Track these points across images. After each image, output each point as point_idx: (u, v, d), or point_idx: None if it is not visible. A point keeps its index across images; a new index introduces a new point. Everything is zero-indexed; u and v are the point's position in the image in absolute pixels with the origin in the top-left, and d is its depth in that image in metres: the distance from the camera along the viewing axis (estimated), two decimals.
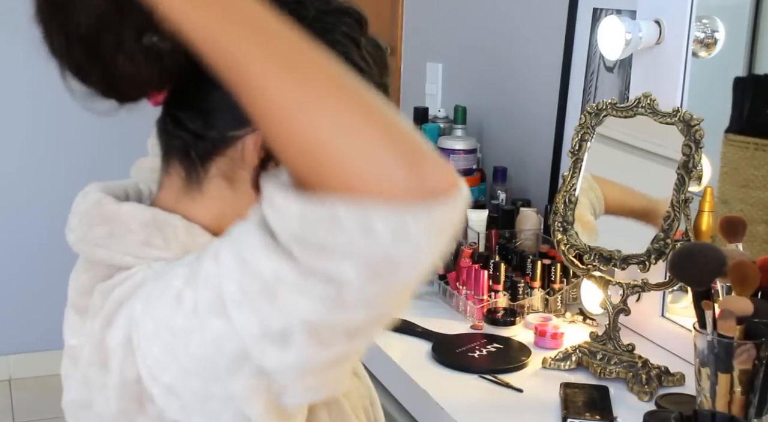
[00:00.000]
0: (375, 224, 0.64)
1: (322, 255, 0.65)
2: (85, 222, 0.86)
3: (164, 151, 0.87)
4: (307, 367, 0.70)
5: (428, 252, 0.66)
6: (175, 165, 0.86)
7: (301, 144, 0.65)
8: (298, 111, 0.64)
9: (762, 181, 1.50)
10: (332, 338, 0.68)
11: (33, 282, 3.53)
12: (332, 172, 0.64)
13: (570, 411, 1.32)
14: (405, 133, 0.66)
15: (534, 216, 1.93)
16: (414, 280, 0.68)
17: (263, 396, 0.72)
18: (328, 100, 0.65)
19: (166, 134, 0.86)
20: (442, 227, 0.66)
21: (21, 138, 3.53)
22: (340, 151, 0.64)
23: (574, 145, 1.57)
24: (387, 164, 0.64)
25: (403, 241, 0.64)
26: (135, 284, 0.79)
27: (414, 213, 0.64)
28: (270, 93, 0.65)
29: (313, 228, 0.64)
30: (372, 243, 0.64)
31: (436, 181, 0.65)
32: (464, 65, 2.54)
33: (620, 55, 1.60)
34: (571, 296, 1.76)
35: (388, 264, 0.65)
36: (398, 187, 0.64)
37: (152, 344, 0.75)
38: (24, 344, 3.55)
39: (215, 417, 0.75)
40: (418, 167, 0.64)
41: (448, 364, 1.52)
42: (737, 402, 1.17)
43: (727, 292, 1.26)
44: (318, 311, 0.66)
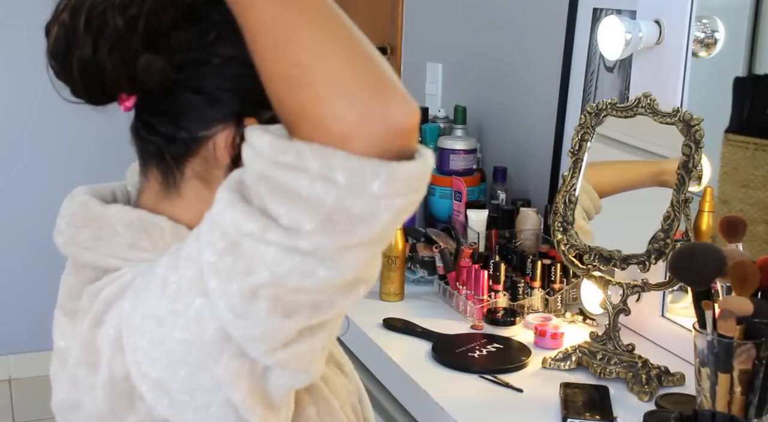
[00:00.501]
0: (336, 172, 0.66)
1: (284, 200, 0.67)
2: (72, 225, 0.87)
3: (141, 157, 0.89)
4: (273, 338, 0.71)
5: (385, 210, 0.68)
6: (152, 169, 0.88)
7: (285, 65, 0.69)
8: (289, 34, 0.69)
9: (762, 181, 1.50)
10: (295, 307, 0.70)
11: (33, 282, 3.53)
12: (306, 96, 0.68)
13: (570, 411, 1.32)
14: (378, 66, 0.70)
15: (534, 216, 1.93)
16: (373, 240, 0.70)
17: (246, 379, 0.73)
18: (315, 28, 0.69)
19: (140, 139, 0.88)
20: (402, 187, 0.68)
21: (21, 140, 3.53)
22: (316, 73, 0.68)
23: (574, 145, 1.57)
24: (355, 89, 0.68)
25: (361, 194, 0.67)
26: (123, 284, 0.80)
27: (374, 167, 0.67)
28: (267, 19, 0.70)
29: (279, 168, 0.67)
30: (330, 191, 0.66)
31: (397, 112, 0.68)
32: (464, 65, 2.54)
33: (620, 55, 1.60)
34: (571, 296, 1.76)
35: (345, 219, 0.67)
36: (362, 111, 0.67)
37: (140, 338, 0.76)
38: (24, 344, 3.55)
39: (203, 410, 0.76)
40: (383, 95, 0.68)
41: (448, 364, 1.52)
42: (737, 402, 1.17)
43: (727, 292, 1.26)
44: (278, 265, 0.68)
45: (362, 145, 0.67)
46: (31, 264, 3.55)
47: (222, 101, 0.83)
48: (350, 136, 0.67)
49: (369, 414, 1.01)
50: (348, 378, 0.98)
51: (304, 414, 0.86)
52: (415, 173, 0.69)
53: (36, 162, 3.55)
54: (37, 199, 3.52)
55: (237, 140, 0.83)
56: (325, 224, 0.67)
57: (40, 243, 3.48)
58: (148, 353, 0.75)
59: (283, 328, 0.71)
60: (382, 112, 0.68)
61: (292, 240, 0.67)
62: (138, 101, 0.84)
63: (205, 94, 0.83)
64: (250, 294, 0.69)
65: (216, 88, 0.83)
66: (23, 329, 3.55)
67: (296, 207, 0.67)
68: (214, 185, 0.83)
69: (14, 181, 3.54)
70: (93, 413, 0.82)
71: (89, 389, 0.81)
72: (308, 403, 0.87)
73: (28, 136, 3.53)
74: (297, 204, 0.67)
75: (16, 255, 3.57)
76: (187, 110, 0.83)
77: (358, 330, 1.67)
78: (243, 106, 0.83)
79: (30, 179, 3.54)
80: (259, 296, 0.69)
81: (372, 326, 1.68)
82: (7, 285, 3.57)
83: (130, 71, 0.80)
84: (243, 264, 0.69)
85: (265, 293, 0.69)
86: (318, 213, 0.67)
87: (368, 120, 0.67)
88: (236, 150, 0.83)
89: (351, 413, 0.94)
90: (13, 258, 3.57)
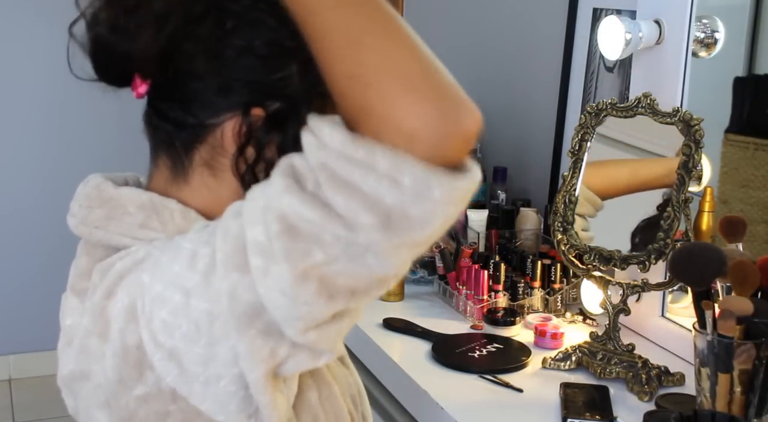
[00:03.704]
0: (403, 176, 0.68)
1: (345, 191, 0.69)
2: (85, 206, 0.89)
3: (151, 144, 0.91)
4: (313, 318, 0.73)
5: (439, 217, 0.70)
6: (162, 156, 0.90)
7: (353, 64, 0.71)
8: (359, 36, 0.71)
9: (762, 181, 1.50)
10: (337, 290, 0.72)
11: (33, 282, 3.53)
12: (375, 94, 0.70)
13: (570, 411, 1.32)
14: (444, 72, 0.73)
15: (534, 216, 1.93)
16: (421, 243, 0.72)
17: (265, 360, 0.75)
18: (384, 33, 0.72)
19: (152, 127, 0.90)
20: (459, 197, 0.71)
21: (24, 141, 3.53)
22: (385, 73, 0.70)
23: (574, 145, 1.57)
24: (427, 90, 0.70)
25: (422, 199, 0.69)
26: (136, 259, 0.82)
27: (439, 178, 0.69)
28: (336, 23, 0.72)
29: (347, 162, 0.69)
30: (394, 193, 0.69)
31: (466, 117, 0.71)
32: (464, 65, 2.54)
33: (620, 55, 1.60)
34: (571, 296, 1.76)
35: (403, 219, 0.69)
36: (433, 113, 0.69)
37: (160, 307, 0.77)
38: (24, 344, 3.55)
39: (214, 383, 0.77)
40: (453, 99, 0.71)
41: (448, 364, 1.52)
42: (737, 402, 1.17)
43: (727, 292, 1.26)
44: (333, 248, 0.70)
45: (428, 145, 0.69)
46: (31, 265, 3.55)
47: (231, 90, 0.84)
48: (418, 136, 0.69)
49: (367, 410, 1.02)
50: (349, 371, 0.99)
51: (306, 398, 0.88)
52: (469, 187, 0.72)
53: (36, 163, 3.55)
54: (37, 200, 3.52)
55: (244, 129, 0.84)
56: (384, 222, 0.69)
57: (41, 244, 3.49)
58: (167, 322, 0.77)
59: (325, 310, 0.73)
60: (452, 114, 0.70)
61: (350, 233, 0.70)
62: (150, 88, 0.86)
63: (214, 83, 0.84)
64: (302, 276, 0.71)
65: (225, 78, 0.84)
66: (23, 329, 3.55)
67: (356, 200, 0.69)
68: (221, 172, 0.87)
69: (15, 182, 3.54)
70: (102, 382, 0.83)
71: (100, 358, 0.83)
72: (311, 387, 0.88)
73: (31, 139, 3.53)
74: (357, 197, 0.69)
75: (16, 256, 3.57)
76: (197, 97, 0.85)
77: (358, 330, 1.67)
78: (251, 96, 0.84)
79: (31, 180, 3.54)
80: (309, 278, 0.71)
81: (372, 326, 1.68)
82: (7, 285, 3.57)
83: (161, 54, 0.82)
84: (301, 246, 0.71)
85: (315, 274, 0.71)
86: (378, 211, 0.69)
87: (438, 121, 0.69)
88: (242, 138, 0.85)
89: (351, 403, 0.95)
90: (14, 259, 3.57)
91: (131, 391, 0.81)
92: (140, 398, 0.81)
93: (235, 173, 0.86)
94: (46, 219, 3.49)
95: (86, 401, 0.87)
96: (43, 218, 3.48)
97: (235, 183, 0.86)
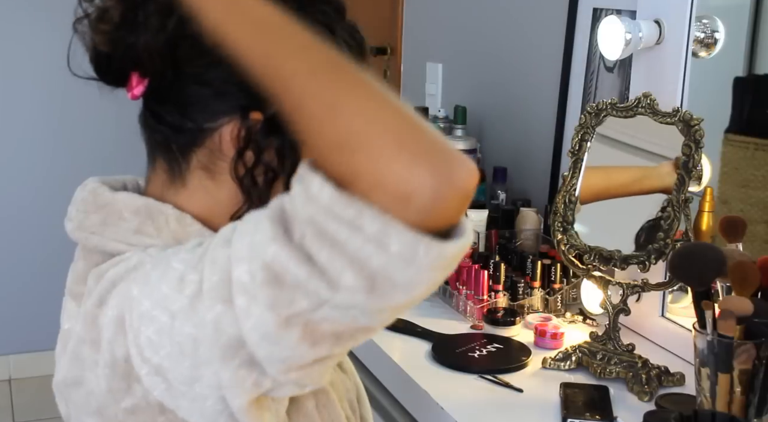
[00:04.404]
0: (391, 240, 0.66)
1: (330, 249, 0.67)
2: (82, 210, 0.89)
3: (148, 147, 0.91)
4: (294, 363, 0.73)
5: (425, 282, 0.69)
6: (159, 159, 0.90)
7: (336, 133, 0.68)
8: (337, 103, 0.68)
9: (762, 181, 1.50)
10: (322, 338, 0.71)
11: (33, 282, 3.53)
12: (364, 160, 0.67)
13: (570, 411, 1.32)
14: (431, 129, 0.69)
15: (534, 216, 1.93)
16: (405, 306, 0.71)
17: (250, 390, 0.74)
18: (363, 96, 0.69)
19: (148, 129, 0.90)
20: (447, 264, 0.69)
21: (25, 140, 3.53)
22: (372, 137, 0.67)
23: (574, 145, 1.57)
24: (417, 150, 0.66)
25: (408, 265, 0.67)
26: (129, 267, 0.82)
27: (427, 244, 0.66)
28: (308, 98, 0.68)
29: (335, 220, 0.67)
30: (380, 257, 0.66)
31: (461, 172, 0.67)
32: (464, 65, 2.54)
33: (620, 55, 1.60)
34: (571, 296, 1.76)
35: (387, 283, 0.68)
36: (426, 173, 0.66)
37: (147, 325, 0.77)
38: (24, 344, 3.55)
39: (200, 401, 0.77)
40: (444, 156, 0.67)
41: (448, 364, 1.52)
42: (737, 402, 1.17)
43: (727, 292, 1.26)
44: (316, 304, 0.69)
45: (422, 206, 0.66)
46: (31, 265, 3.55)
47: (230, 94, 0.84)
48: (412, 198, 0.66)
49: (367, 413, 1.02)
50: (347, 376, 0.99)
51: (303, 407, 0.87)
52: (459, 252, 0.69)
53: (38, 164, 3.55)
54: (38, 200, 3.52)
55: (242, 133, 0.84)
56: (368, 285, 0.67)
57: (41, 244, 3.49)
58: (152, 340, 0.76)
59: (307, 355, 0.72)
60: (446, 173, 0.66)
61: (333, 292, 0.68)
62: (146, 90, 0.86)
63: (213, 86, 0.85)
64: (285, 323, 0.70)
65: (223, 81, 0.84)
66: (23, 329, 3.55)
67: (340, 259, 0.67)
68: (219, 176, 0.87)
69: (15, 182, 3.54)
70: (95, 390, 0.83)
71: (93, 366, 0.83)
72: (307, 397, 0.88)
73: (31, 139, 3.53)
74: (342, 257, 0.67)
75: (16, 256, 3.57)
76: (195, 101, 0.85)
77: None
78: (249, 100, 0.84)
79: (32, 180, 3.54)
80: (292, 324, 0.70)
81: None
82: (7, 285, 3.57)
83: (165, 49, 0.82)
84: (285, 295, 0.69)
85: (298, 322, 0.70)
86: (360, 273, 0.67)
87: (433, 182, 0.66)
88: (241, 142, 0.85)
89: (348, 409, 0.95)
90: (14, 259, 3.57)
91: (119, 403, 0.81)
92: (128, 410, 0.81)
93: (234, 177, 0.86)
94: (47, 219, 3.49)
95: (78, 408, 0.87)
96: (44, 218, 3.48)
97: (234, 186, 0.86)
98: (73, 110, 3.45)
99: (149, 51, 0.83)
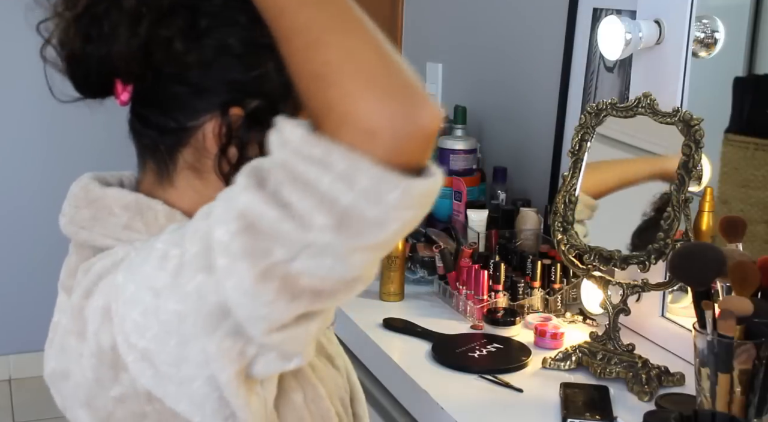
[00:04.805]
0: (358, 177, 0.68)
1: (300, 190, 0.69)
2: (74, 206, 0.90)
3: (137, 150, 0.92)
4: (275, 319, 0.73)
5: (395, 220, 0.70)
6: (148, 161, 0.91)
7: (316, 64, 0.71)
8: (321, 36, 0.71)
9: (762, 181, 1.50)
10: (300, 291, 0.72)
11: (33, 282, 3.53)
12: (336, 93, 0.69)
13: (570, 411, 1.32)
14: (405, 70, 0.72)
15: (534, 216, 1.93)
16: (379, 247, 0.72)
17: (235, 360, 0.75)
18: (346, 31, 0.72)
19: (136, 133, 0.91)
20: (417, 202, 0.70)
21: (24, 140, 3.53)
22: (346, 71, 0.70)
23: (574, 145, 1.57)
24: (386, 88, 0.70)
25: (376, 202, 0.68)
26: (116, 260, 0.83)
27: (394, 179, 0.68)
28: (301, 22, 0.72)
29: (304, 160, 0.69)
30: (349, 193, 0.68)
31: (425, 114, 0.70)
32: (464, 65, 2.54)
33: (620, 55, 1.60)
34: (571, 296, 1.76)
35: (357, 222, 0.69)
36: (392, 110, 0.69)
37: (132, 308, 0.77)
38: (24, 344, 3.55)
39: (188, 384, 0.77)
40: (412, 96, 0.70)
41: (447, 364, 1.52)
42: (737, 402, 1.17)
43: (727, 292, 1.26)
44: (292, 248, 0.70)
45: (387, 143, 0.69)
46: (31, 265, 3.55)
47: (209, 91, 0.85)
48: (377, 134, 0.68)
49: (363, 411, 1.02)
50: (338, 373, 0.98)
51: (290, 400, 0.88)
52: (427, 191, 0.71)
53: (38, 163, 3.55)
54: (37, 199, 3.52)
55: (224, 129, 0.85)
56: (338, 223, 0.69)
57: (41, 244, 3.48)
58: (138, 323, 0.77)
59: (287, 311, 0.73)
60: (411, 112, 0.69)
61: (304, 233, 0.69)
62: (132, 95, 0.87)
63: (191, 85, 0.85)
64: (261, 275, 0.71)
65: (202, 79, 0.84)
66: (23, 329, 3.55)
67: (311, 199, 0.69)
68: (206, 174, 0.87)
69: (15, 182, 3.54)
70: (81, 382, 0.84)
71: (77, 357, 0.83)
72: (295, 390, 0.88)
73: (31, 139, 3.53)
74: (312, 196, 0.69)
75: (16, 256, 3.57)
76: (175, 101, 0.86)
77: (358, 330, 1.67)
78: (229, 96, 0.85)
79: (30, 180, 3.54)
80: (269, 277, 0.71)
81: (372, 326, 1.68)
82: (7, 285, 3.57)
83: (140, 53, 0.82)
84: (260, 244, 0.70)
85: (276, 273, 0.71)
86: (331, 211, 0.68)
87: (398, 119, 0.69)
88: (224, 139, 0.85)
89: (339, 405, 0.95)
90: (14, 259, 3.57)
91: (108, 392, 0.82)
92: (117, 399, 0.82)
93: (219, 174, 0.86)
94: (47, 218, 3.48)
95: (69, 400, 0.88)
96: (43, 218, 3.48)
97: (221, 184, 0.86)
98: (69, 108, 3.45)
99: (124, 59, 0.83)
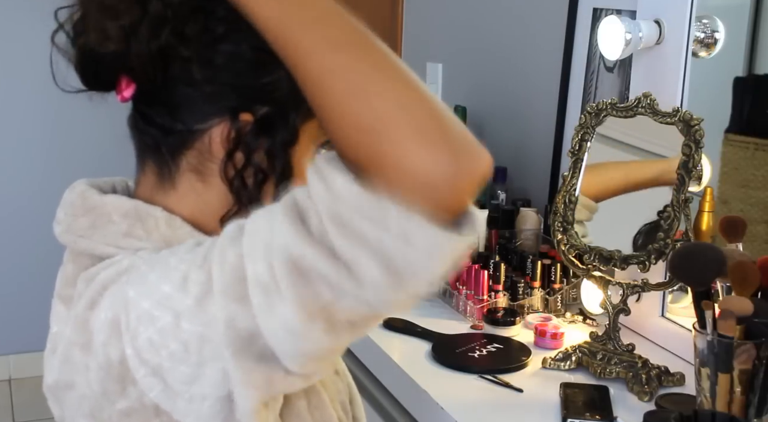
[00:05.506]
0: (416, 236, 0.68)
1: (356, 244, 0.68)
2: (70, 214, 0.89)
3: (137, 149, 0.90)
4: (314, 355, 0.74)
5: (445, 272, 0.71)
6: (148, 161, 0.89)
7: (364, 116, 0.69)
8: (365, 84, 0.69)
9: (762, 181, 1.50)
10: (341, 328, 0.72)
11: (33, 282, 3.53)
12: (389, 148, 0.68)
13: (570, 411, 1.32)
14: (451, 115, 0.72)
15: (534, 216, 1.93)
16: (423, 293, 0.73)
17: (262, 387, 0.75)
18: (391, 78, 0.70)
19: (138, 131, 0.89)
20: (461, 252, 0.71)
21: (23, 141, 3.53)
22: (399, 124, 0.68)
23: (574, 145, 1.56)
24: (442, 140, 0.69)
25: (433, 259, 0.69)
26: (120, 269, 0.81)
27: (449, 237, 0.69)
28: (331, 76, 0.70)
29: (361, 217, 0.68)
30: (406, 252, 0.68)
31: (481, 163, 0.71)
32: (464, 65, 2.54)
33: (620, 55, 1.59)
34: (571, 296, 1.76)
35: (409, 275, 0.69)
36: (451, 163, 0.68)
37: (147, 325, 0.76)
38: (24, 344, 3.55)
39: (198, 401, 0.76)
40: (467, 147, 0.71)
41: (447, 364, 1.52)
42: (737, 402, 1.17)
43: (727, 292, 1.26)
44: (339, 294, 0.70)
45: (446, 195, 0.69)
46: (31, 265, 3.54)
47: (220, 95, 0.84)
48: (439, 188, 0.68)
49: (360, 413, 1.02)
50: (339, 377, 0.99)
51: (295, 407, 0.87)
52: (473, 242, 0.72)
53: (37, 164, 3.55)
54: (37, 200, 3.51)
55: (232, 134, 0.84)
56: (393, 279, 0.69)
57: (41, 244, 3.47)
58: (154, 341, 0.76)
59: (327, 346, 0.73)
60: (470, 163, 0.70)
61: (357, 285, 0.69)
62: (136, 93, 0.85)
63: (203, 89, 0.84)
64: (309, 317, 0.71)
65: (213, 83, 0.84)
66: (23, 329, 3.55)
67: (365, 255, 0.68)
68: (209, 178, 0.86)
69: (14, 182, 3.54)
70: (87, 393, 0.83)
71: (83, 369, 0.82)
72: (299, 396, 0.88)
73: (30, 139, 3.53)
74: (367, 252, 0.68)
75: (16, 256, 3.57)
76: (185, 103, 0.84)
77: None
78: (239, 101, 0.84)
79: (31, 181, 3.54)
80: (317, 318, 0.71)
81: None
82: (7, 285, 3.57)
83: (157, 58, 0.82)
84: (311, 289, 0.70)
85: (322, 315, 0.71)
86: (387, 268, 0.69)
87: (459, 172, 0.69)
88: (231, 144, 0.84)
89: (340, 410, 0.95)
90: (14, 259, 3.57)
91: (114, 405, 0.81)
92: (123, 412, 0.81)
93: (224, 178, 0.85)
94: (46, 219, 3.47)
95: (71, 410, 0.86)
96: (43, 218, 3.47)
97: (224, 188, 0.86)
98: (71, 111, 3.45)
99: (142, 59, 0.82)
